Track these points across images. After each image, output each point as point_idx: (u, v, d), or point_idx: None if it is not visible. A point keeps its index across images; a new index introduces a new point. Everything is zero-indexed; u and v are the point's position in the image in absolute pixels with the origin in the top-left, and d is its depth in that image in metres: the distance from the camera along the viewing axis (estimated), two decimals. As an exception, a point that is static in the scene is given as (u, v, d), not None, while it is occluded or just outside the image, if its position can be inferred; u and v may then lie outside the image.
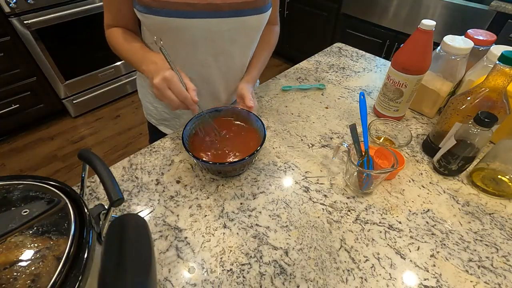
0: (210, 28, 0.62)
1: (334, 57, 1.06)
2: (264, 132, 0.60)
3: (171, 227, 0.54)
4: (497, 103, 0.55)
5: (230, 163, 0.59)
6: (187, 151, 0.56)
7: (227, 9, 0.60)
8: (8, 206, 0.33)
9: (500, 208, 0.57)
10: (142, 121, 2.16)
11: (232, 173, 0.62)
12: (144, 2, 0.57)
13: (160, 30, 0.61)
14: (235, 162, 0.59)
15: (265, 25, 0.71)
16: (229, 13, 0.61)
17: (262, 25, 0.70)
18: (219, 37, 0.64)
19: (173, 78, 0.53)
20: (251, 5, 0.62)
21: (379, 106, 0.77)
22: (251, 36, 0.71)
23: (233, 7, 0.61)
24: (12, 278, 0.27)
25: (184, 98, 0.54)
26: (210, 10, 0.60)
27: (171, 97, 0.54)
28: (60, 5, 1.74)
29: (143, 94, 0.86)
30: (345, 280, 0.47)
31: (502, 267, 0.49)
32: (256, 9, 0.64)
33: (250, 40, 0.72)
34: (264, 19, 0.68)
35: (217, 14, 0.60)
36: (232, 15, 0.62)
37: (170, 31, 0.61)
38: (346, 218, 0.55)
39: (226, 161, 0.60)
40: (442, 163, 0.61)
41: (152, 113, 0.87)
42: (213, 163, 0.58)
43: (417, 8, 1.68)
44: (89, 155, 0.39)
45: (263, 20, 0.67)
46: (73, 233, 0.31)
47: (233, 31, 0.65)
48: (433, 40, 0.64)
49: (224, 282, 0.47)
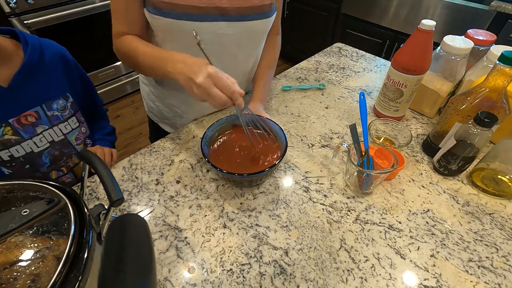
0: (217, 31, 0.62)
1: (334, 57, 1.06)
2: (285, 142, 0.56)
3: (171, 227, 0.54)
4: (497, 103, 0.55)
5: (249, 174, 0.53)
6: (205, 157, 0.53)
7: (234, 13, 0.61)
8: (8, 206, 0.33)
9: (500, 208, 0.57)
10: (142, 121, 2.16)
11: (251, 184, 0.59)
12: (154, 4, 0.58)
13: (168, 31, 0.62)
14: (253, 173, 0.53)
15: (268, 33, 0.73)
16: (236, 17, 0.62)
17: (267, 29, 0.71)
18: (226, 40, 0.65)
19: (217, 74, 0.50)
20: (257, 9, 0.64)
21: (379, 106, 0.77)
22: (256, 40, 0.72)
23: (240, 12, 0.62)
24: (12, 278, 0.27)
25: (232, 93, 0.50)
26: (217, 14, 0.60)
27: (218, 94, 0.50)
28: (60, 5, 1.73)
29: (146, 92, 0.86)
30: (345, 280, 0.47)
31: (502, 267, 0.49)
32: (262, 14, 0.65)
33: (255, 44, 0.73)
34: (269, 24, 0.69)
35: (224, 17, 0.61)
36: (239, 19, 0.63)
37: (177, 32, 0.61)
38: (346, 218, 0.55)
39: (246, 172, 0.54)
40: (442, 163, 0.61)
41: (154, 111, 0.87)
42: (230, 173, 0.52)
43: (417, 8, 1.68)
44: (90, 155, 0.39)
45: (268, 24, 0.69)
46: (73, 233, 0.31)
47: (239, 34, 0.65)
48: (433, 40, 0.64)
49: (224, 282, 0.47)
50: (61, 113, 0.67)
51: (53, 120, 0.66)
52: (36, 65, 0.61)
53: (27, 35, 0.62)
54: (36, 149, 0.65)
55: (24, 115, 0.61)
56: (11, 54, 0.59)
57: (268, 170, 0.52)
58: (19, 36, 0.60)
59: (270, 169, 0.52)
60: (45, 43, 0.65)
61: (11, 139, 0.61)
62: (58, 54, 0.67)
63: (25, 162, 0.64)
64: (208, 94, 0.50)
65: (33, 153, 0.65)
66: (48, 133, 0.66)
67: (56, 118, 0.66)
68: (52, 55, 0.65)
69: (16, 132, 0.61)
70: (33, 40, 0.61)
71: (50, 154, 0.68)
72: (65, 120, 0.68)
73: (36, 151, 0.65)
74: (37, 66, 0.61)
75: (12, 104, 0.59)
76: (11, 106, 0.59)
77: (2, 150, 0.60)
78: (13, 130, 0.60)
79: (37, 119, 0.63)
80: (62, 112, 0.68)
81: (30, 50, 0.59)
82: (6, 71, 0.57)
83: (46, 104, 0.64)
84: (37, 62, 0.61)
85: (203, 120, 0.78)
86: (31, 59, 0.59)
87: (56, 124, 0.67)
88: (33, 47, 0.60)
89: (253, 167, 0.57)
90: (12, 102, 0.59)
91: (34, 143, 0.64)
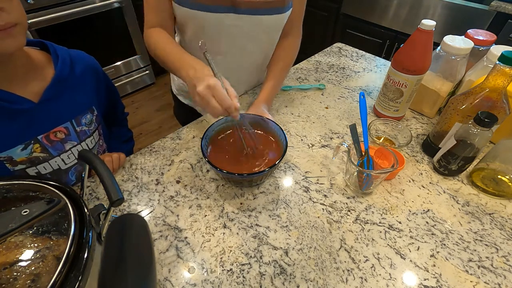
0: (227, 23, 0.65)
1: (334, 57, 1.06)
2: (285, 142, 0.57)
3: (171, 227, 0.54)
4: (497, 103, 0.55)
5: (249, 174, 0.54)
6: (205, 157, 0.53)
7: (244, 7, 0.64)
8: (8, 206, 0.33)
9: (500, 208, 0.57)
10: (142, 121, 2.16)
11: (251, 184, 0.59)
12: None
13: (184, 19, 0.68)
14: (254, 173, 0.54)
15: (285, 34, 0.75)
16: (245, 10, 0.64)
17: (279, 26, 0.73)
18: (234, 32, 0.68)
19: (216, 85, 0.52)
20: (267, 5, 0.65)
21: (379, 106, 0.77)
22: (268, 35, 0.73)
23: (250, 5, 0.64)
24: (12, 278, 0.27)
25: (228, 106, 0.52)
26: (228, 6, 0.63)
27: (215, 105, 0.52)
28: (60, 5, 1.73)
29: None
30: (345, 280, 0.47)
31: (502, 267, 0.49)
32: (273, 9, 0.66)
33: (268, 39, 0.74)
34: (282, 20, 0.71)
35: (235, 10, 0.64)
36: (249, 13, 0.65)
37: (191, 21, 0.67)
38: (346, 218, 0.55)
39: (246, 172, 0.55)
40: (442, 163, 0.61)
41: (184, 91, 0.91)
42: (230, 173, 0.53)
43: (417, 8, 1.68)
44: (89, 155, 0.39)
45: (280, 20, 0.70)
46: (73, 233, 0.31)
47: (248, 28, 0.68)
48: (433, 40, 0.64)
49: (224, 282, 0.47)
50: (88, 127, 0.65)
51: (81, 136, 0.64)
52: (67, 79, 0.58)
53: (56, 47, 0.60)
54: (64, 166, 0.63)
55: (54, 131, 0.59)
56: (42, 67, 0.56)
57: (268, 170, 0.52)
58: (48, 47, 0.58)
59: (270, 169, 0.52)
60: (75, 55, 0.63)
61: (39, 156, 0.58)
62: (89, 67, 0.65)
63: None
64: (206, 104, 0.53)
65: (60, 170, 0.63)
66: (77, 149, 0.64)
67: (84, 134, 0.64)
68: (83, 68, 0.63)
69: (45, 149, 0.58)
70: (63, 53, 0.59)
71: (77, 171, 0.66)
72: (91, 135, 0.66)
73: (64, 168, 0.63)
74: (67, 80, 0.58)
75: (42, 120, 0.57)
76: (41, 122, 0.57)
77: (30, 167, 0.58)
78: (42, 147, 0.58)
79: (67, 135, 0.61)
80: (89, 126, 0.65)
81: (60, 64, 0.57)
82: (37, 86, 0.55)
83: (76, 119, 0.62)
84: (68, 76, 0.58)
85: (203, 120, 0.78)
86: (62, 73, 0.57)
87: (84, 140, 0.65)
88: (64, 60, 0.58)
89: (253, 167, 0.57)
90: (41, 118, 0.56)
91: (62, 160, 0.62)
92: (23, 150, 0.56)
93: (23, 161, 0.57)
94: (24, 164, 0.57)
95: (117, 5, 1.94)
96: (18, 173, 0.57)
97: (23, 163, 0.57)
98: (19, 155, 0.56)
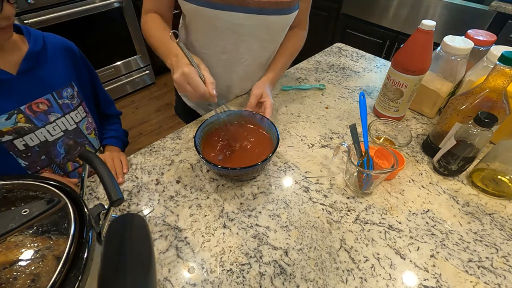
0: (234, 21, 0.66)
1: (334, 57, 1.06)
2: (277, 137, 0.59)
3: (171, 227, 0.54)
4: (497, 104, 0.55)
5: (241, 168, 0.54)
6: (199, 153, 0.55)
7: (252, 6, 0.65)
8: (8, 206, 0.33)
9: (500, 209, 0.57)
10: (142, 121, 2.16)
11: (244, 178, 0.61)
12: None
13: (192, 16, 0.69)
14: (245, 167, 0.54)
15: (292, 27, 0.76)
16: (254, 10, 0.65)
17: (285, 26, 0.74)
18: (241, 30, 0.69)
19: (190, 73, 0.56)
20: (275, 5, 0.66)
21: (379, 106, 0.77)
22: (273, 34, 0.74)
23: (259, 5, 0.65)
24: (12, 278, 0.27)
25: (202, 94, 0.57)
26: (237, 5, 0.64)
27: (190, 91, 0.58)
28: (60, 5, 1.73)
29: None
30: (345, 280, 0.47)
31: (502, 268, 0.49)
32: (280, 10, 0.67)
33: (272, 38, 0.75)
34: (288, 20, 0.72)
35: (243, 9, 0.65)
36: (256, 12, 0.66)
37: (199, 17, 0.68)
38: (346, 218, 0.55)
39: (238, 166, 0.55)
40: (442, 163, 0.61)
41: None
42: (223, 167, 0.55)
43: (417, 8, 1.68)
44: (89, 155, 0.39)
45: (286, 21, 0.71)
46: (73, 233, 0.31)
47: (255, 27, 0.68)
48: (433, 40, 0.64)
49: (224, 282, 0.47)
50: (70, 101, 0.70)
51: (64, 108, 0.68)
52: (40, 52, 0.64)
53: (29, 28, 0.66)
54: (51, 138, 0.67)
55: (36, 102, 0.64)
56: (17, 44, 0.62)
57: (260, 164, 0.54)
58: (22, 30, 0.64)
59: (263, 163, 0.54)
60: (48, 35, 0.69)
61: (24, 126, 0.62)
62: (63, 45, 0.70)
63: (40, 151, 0.66)
64: (183, 90, 0.58)
65: (47, 142, 0.67)
66: (61, 121, 0.68)
67: (67, 106, 0.69)
68: (54, 44, 0.68)
69: (29, 119, 0.63)
70: (35, 32, 0.66)
71: (65, 143, 0.70)
72: (75, 108, 0.71)
73: (51, 140, 0.67)
74: (41, 53, 0.64)
75: (23, 92, 0.62)
76: (22, 93, 0.62)
77: (17, 138, 0.62)
78: (26, 118, 0.62)
79: (49, 107, 0.65)
80: (71, 100, 0.70)
81: (33, 39, 0.63)
82: (14, 59, 0.60)
83: (57, 92, 0.67)
84: (41, 50, 0.64)
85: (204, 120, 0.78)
86: (34, 47, 0.63)
87: (68, 112, 0.69)
88: (36, 37, 0.64)
89: (246, 161, 0.57)
90: (22, 89, 0.62)
91: (48, 132, 0.66)
92: (8, 120, 0.60)
93: (9, 131, 0.61)
94: (10, 134, 0.61)
95: (117, 5, 1.94)
96: (6, 146, 0.62)
97: (9, 133, 0.61)
98: (4, 125, 0.60)
